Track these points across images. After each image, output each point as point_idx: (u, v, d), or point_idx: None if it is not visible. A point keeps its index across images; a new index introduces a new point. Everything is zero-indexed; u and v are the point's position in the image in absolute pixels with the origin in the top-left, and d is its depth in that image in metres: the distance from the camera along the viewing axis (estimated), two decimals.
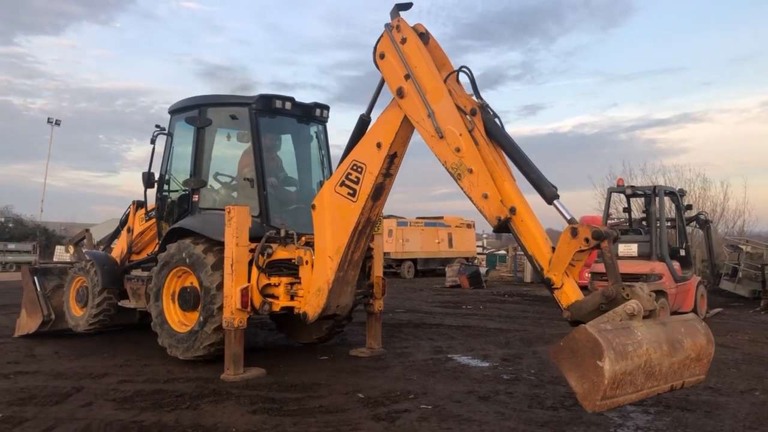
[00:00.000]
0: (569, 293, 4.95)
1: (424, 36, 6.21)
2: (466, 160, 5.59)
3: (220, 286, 7.23)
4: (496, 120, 5.73)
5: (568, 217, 5.04)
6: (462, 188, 5.66)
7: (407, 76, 6.13)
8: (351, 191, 6.77)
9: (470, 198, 5.60)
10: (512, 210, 5.29)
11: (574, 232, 4.82)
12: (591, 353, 3.99)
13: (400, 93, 6.21)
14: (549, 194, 5.19)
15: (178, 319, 7.85)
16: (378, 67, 6.48)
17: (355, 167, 6.74)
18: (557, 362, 4.29)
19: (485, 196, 5.44)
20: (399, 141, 6.52)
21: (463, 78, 6.10)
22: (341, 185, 6.87)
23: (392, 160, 6.62)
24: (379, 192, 6.76)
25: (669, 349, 4.39)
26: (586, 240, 4.77)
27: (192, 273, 7.60)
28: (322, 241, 7.03)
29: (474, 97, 5.86)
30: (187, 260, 7.55)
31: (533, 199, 5.44)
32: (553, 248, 5.05)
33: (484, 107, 5.78)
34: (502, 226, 5.39)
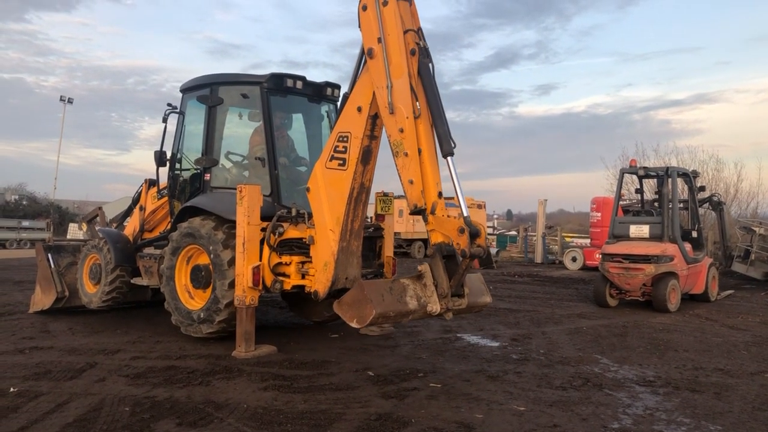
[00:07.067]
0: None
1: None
2: (405, 143, 6.09)
3: (230, 296, 7.30)
4: (430, 66, 6.23)
5: (455, 179, 5.96)
6: (396, 165, 6.18)
7: (379, 40, 6.31)
8: (341, 162, 6.86)
9: (399, 177, 6.16)
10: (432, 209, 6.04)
11: (461, 230, 5.65)
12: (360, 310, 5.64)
13: (370, 53, 6.42)
14: (446, 150, 5.95)
15: (184, 283, 7.99)
16: (359, 19, 6.57)
17: (341, 138, 6.86)
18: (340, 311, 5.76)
19: (411, 182, 6.05)
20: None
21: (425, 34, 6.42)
22: (331, 160, 6.96)
23: (374, 121, 6.70)
24: (367, 156, 6.84)
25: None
26: (458, 245, 5.69)
27: (208, 260, 7.66)
28: (321, 217, 7.10)
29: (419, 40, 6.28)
30: (212, 256, 7.54)
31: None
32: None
33: (423, 49, 6.22)
34: (417, 213, 6.10)
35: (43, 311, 9.88)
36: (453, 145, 6.00)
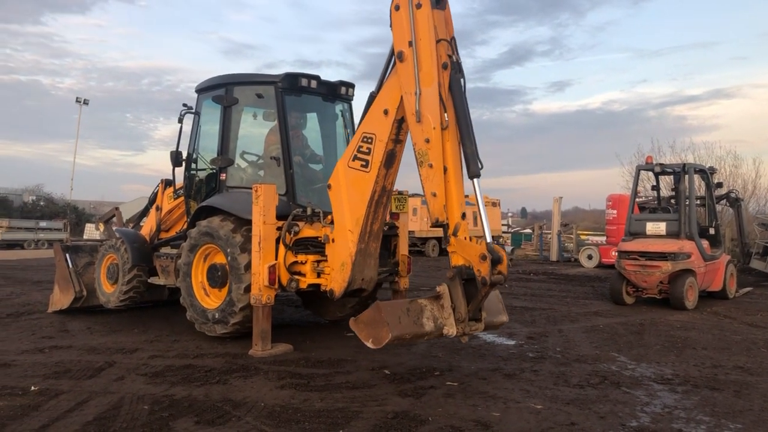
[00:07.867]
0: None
1: (441, 2, 6.21)
2: (431, 154, 5.98)
3: (245, 299, 7.35)
4: (462, 81, 6.08)
5: (480, 201, 5.82)
6: (419, 175, 6.08)
7: (410, 43, 6.16)
8: (364, 163, 6.78)
9: (423, 188, 6.08)
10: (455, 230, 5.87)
11: (483, 257, 5.45)
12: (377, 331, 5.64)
13: (400, 56, 6.26)
14: (473, 172, 5.82)
15: (201, 280, 8.03)
16: (391, 19, 6.40)
17: (365, 139, 6.77)
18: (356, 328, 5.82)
19: (434, 195, 5.96)
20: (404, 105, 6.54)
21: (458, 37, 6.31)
22: (354, 159, 6.89)
23: (400, 125, 6.57)
24: (391, 159, 6.75)
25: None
26: (479, 272, 5.48)
27: (225, 260, 7.72)
28: (341, 216, 7.07)
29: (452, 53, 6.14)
30: (229, 258, 7.57)
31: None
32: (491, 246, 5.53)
33: (455, 63, 6.07)
34: (439, 226, 6.04)
35: (62, 311, 9.98)
36: (480, 167, 5.85)
